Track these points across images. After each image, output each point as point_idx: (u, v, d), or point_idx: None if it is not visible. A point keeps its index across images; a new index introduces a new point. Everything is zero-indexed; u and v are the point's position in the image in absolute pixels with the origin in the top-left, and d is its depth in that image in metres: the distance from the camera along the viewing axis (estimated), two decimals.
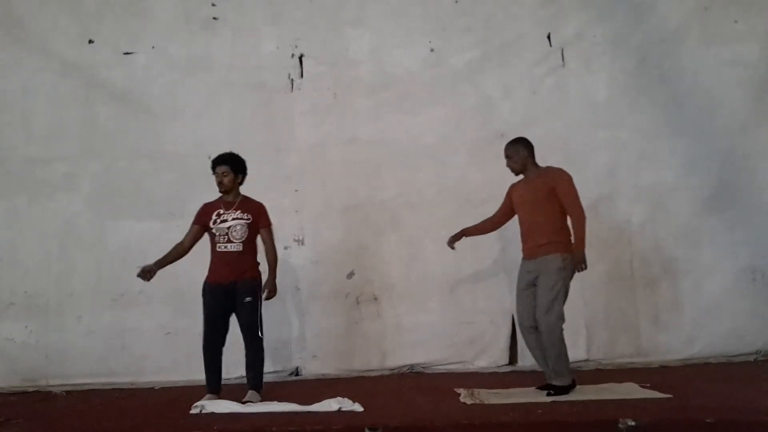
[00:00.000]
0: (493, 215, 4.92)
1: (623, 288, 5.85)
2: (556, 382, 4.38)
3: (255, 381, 4.61)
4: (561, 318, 4.34)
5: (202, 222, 4.73)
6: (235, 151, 4.87)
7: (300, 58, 6.17)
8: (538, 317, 4.37)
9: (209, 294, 4.63)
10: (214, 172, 4.76)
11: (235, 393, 4.54)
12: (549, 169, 4.60)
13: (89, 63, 6.10)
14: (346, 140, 6.08)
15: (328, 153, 6.06)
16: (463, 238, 5.02)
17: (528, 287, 4.52)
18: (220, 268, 4.63)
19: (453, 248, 4.96)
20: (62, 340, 5.76)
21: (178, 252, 4.73)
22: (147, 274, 4.53)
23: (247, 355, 4.63)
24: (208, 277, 4.67)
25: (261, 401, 4.41)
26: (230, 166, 4.74)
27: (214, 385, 4.58)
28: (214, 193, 5.87)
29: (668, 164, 6.01)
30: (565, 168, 5.92)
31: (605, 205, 5.96)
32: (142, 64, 6.13)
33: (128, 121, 6.04)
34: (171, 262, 4.70)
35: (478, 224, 4.97)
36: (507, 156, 4.67)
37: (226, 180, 4.73)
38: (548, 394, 4.31)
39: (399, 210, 6.00)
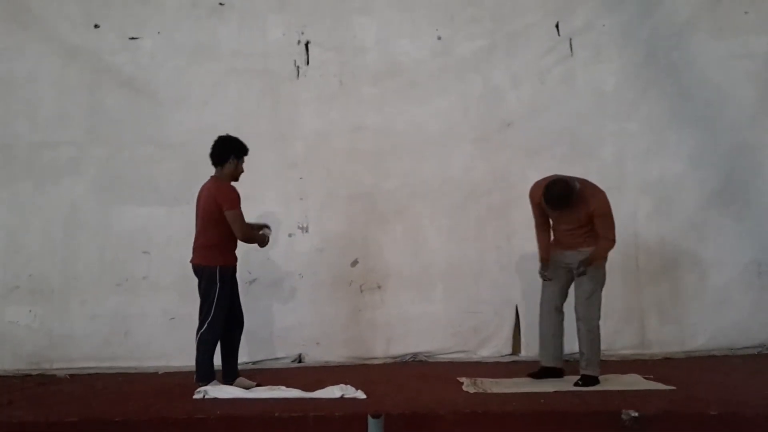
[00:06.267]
0: (538, 225, 4.80)
1: (628, 280, 5.82)
2: (587, 371, 4.42)
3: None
4: (599, 307, 4.50)
5: None
6: (241, 138, 4.80)
7: (306, 45, 6.14)
8: (578, 303, 4.51)
9: (232, 278, 4.56)
10: (243, 160, 4.66)
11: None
12: (584, 190, 4.54)
13: (95, 48, 6.07)
14: (351, 128, 6.05)
15: (334, 141, 6.04)
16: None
17: (564, 268, 4.60)
18: (234, 252, 4.62)
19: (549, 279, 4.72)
20: (66, 325, 5.76)
21: None
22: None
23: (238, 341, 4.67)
24: (228, 261, 4.53)
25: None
26: None
27: (234, 372, 4.60)
28: None
29: (675, 157, 5.98)
30: (572, 159, 5.95)
31: (611, 197, 5.81)
32: (148, 50, 6.09)
33: (134, 107, 6.02)
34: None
35: (542, 243, 4.78)
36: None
37: None
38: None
39: (404, 199, 5.98)
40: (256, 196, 5.76)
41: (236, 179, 4.67)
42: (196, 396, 4.15)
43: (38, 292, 5.79)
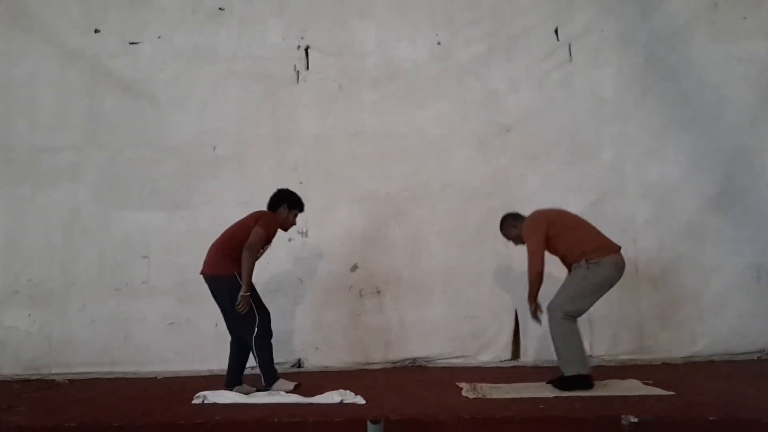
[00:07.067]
0: None
1: (627, 285, 5.77)
2: (565, 372, 4.38)
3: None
4: (564, 311, 4.32)
5: None
6: (240, 144, 4.78)
7: (306, 50, 6.15)
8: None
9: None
10: (296, 214, 4.80)
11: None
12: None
13: (95, 52, 6.10)
14: (351, 132, 6.07)
15: (333, 145, 6.05)
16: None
17: None
18: None
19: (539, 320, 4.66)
20: (65, 329, 5.77)
21: None
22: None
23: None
24: (238, 269, 4.55)
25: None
26: None
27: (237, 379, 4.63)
28: (218, 185, 5.94)
29: (674, 161, 5.99)
30: (571, 163, 5.96)
31: (610, 201, 5.95)
32: (148, 54, 6.12)
33: (133, 111, 6.04)
34: None
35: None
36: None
37: None
38: (553, 384, 4.33)
39: (404, 203, 5.99)
40: (256, 201, 5.77)
41: (285, 229, 4.81)
42: (195, 401, 4.14)
43: (38, 297, 5.80)
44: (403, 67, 6.17)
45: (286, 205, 4.75)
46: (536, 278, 4.43)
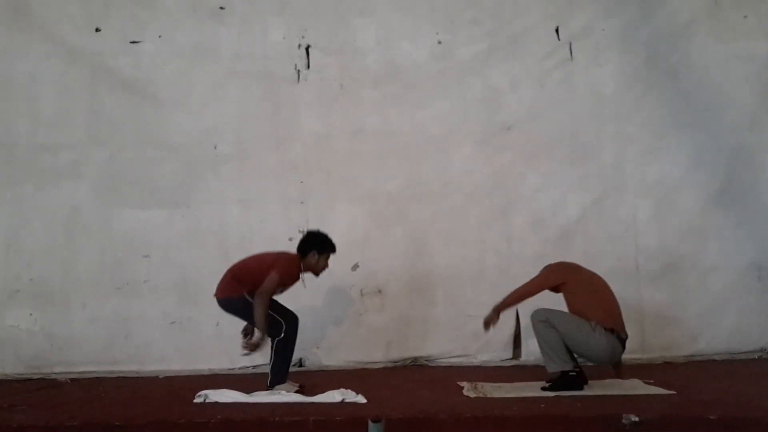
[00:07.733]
0: None
1: (628, 283, 5.81)
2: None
3: None
4: (549, 322, 4.32)
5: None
6: (241, 142, 4.70)
7: (306, 49, 6.15)
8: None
9: None
10: (328, 256, 4.68)
11: (241, 383, 4.57)
12: None
13: (96, 51, 6.08)
14: (352, 131, 6.06)
15: (334, 144, 6.05)
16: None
17: None
18: None
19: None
20: (67, 328, 5.76)
21: None
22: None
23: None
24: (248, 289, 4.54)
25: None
26: None
27: None
28: (219, 183, 5.93)
29: (675, 159, 6.00)
30: (571, 162, 5.96)
31: (611, 199, 5.96)
32: (149, 53, 6.10)
33: (134, 110, 6.03)
34: None
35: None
36: None
37: None
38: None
39: (404, 202, 5.99)
40: (257, 200, 5.80)
41: (316, 274, 4.75)
42: (196, 400, 4.15)
43: (39, 296, 5.79)
44: (403, 65, 6.16)
45: (315, 251, 4.63)
46: (518, 298, 4.47)
